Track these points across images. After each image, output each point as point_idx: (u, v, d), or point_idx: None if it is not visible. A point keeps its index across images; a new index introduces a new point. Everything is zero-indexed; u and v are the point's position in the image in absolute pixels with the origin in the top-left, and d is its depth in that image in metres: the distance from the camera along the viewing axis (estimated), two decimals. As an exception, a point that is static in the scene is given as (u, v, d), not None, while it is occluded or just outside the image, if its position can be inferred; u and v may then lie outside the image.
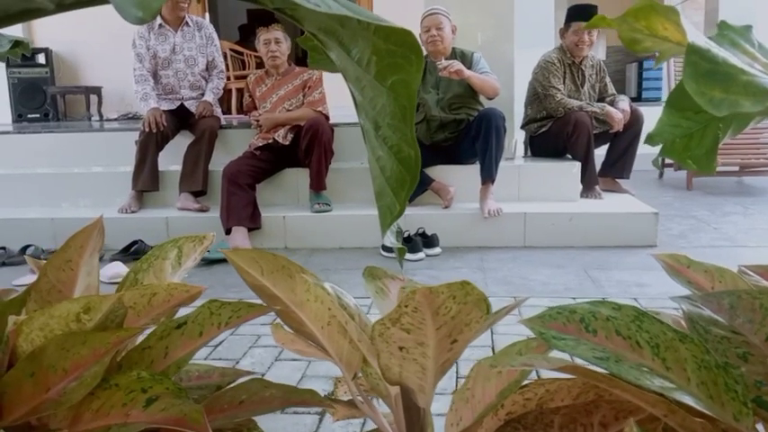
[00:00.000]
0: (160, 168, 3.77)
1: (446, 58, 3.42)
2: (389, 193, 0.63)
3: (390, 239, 0.63)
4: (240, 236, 3.27)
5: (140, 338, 0.77)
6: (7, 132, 4.63)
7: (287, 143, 3.60)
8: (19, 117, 6.01)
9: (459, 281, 0.56)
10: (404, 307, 0.58)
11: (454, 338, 0.63)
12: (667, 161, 5.67)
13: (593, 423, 0.65)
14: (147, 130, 3.68)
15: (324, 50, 0.95)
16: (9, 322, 0.71)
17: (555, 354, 0.72)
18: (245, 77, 5.63)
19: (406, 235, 3.26)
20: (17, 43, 1.04)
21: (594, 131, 3.80)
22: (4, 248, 3.33)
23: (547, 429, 0.67)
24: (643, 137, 4.01)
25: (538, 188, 3.67)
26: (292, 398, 0.72)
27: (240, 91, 5.95)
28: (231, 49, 6.36)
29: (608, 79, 4.14)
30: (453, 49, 3.55)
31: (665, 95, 7.69)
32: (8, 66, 5.93)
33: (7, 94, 6.03)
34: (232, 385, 0.78)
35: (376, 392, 0.78)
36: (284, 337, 1.00)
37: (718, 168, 5.12)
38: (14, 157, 4.33)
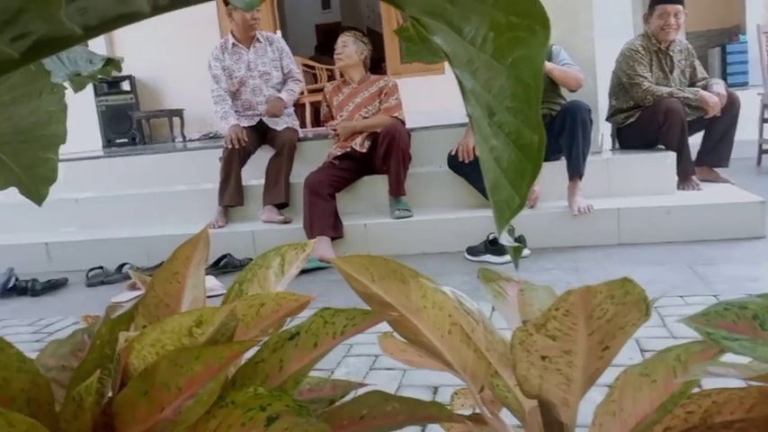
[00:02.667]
0: (243, 183, 3.83)
1: (524, 53, 3.30)
2: (506, 185, 0.56)
3: (506, 237, 0.57)
4: (324, 245, 3.27)
5: (251, 352, 0.73)
6: (99, 157, 4.85)
7: (364, 150, 3.58)
8: (108, 143, 6.31)
9: (620, 278, 0.48)
10: (554, 310, 0.50)
11: (606, 345, 0.55)
12: (765, 147, 5.27)
13: (777, 440, 0.55)
14: (229, 146, 3.75)
15: (421, 39, 0.89)
16: (120, 339, 0.68)
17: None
18: (318, 91, 5.70)
19: (491, 237, 3.15)
20: (109, 60, 1.03)
21: (688, 119, 3.57)
22: (101, 268, 3.47)
23: (716, 447, 0.58)
24: (740, 121, 3.76)
25: (630, 182, 3.47)
26: (418, 412, 0.65)
27: (314, 105, 6.02)
28: (303, 64, 6.45)
29: (697, 63, 3.89)
30: (531, 43, 3.43)
31: (752, 79, 7.18)
32: (96, 95, 6.25)
33: (97, 121, 6.35)
34: (348, 398, 0.73)
35: (505, 406, 0.71)
36: (392, 346, 0.94)
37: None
38: (106, 180, 4.52)
